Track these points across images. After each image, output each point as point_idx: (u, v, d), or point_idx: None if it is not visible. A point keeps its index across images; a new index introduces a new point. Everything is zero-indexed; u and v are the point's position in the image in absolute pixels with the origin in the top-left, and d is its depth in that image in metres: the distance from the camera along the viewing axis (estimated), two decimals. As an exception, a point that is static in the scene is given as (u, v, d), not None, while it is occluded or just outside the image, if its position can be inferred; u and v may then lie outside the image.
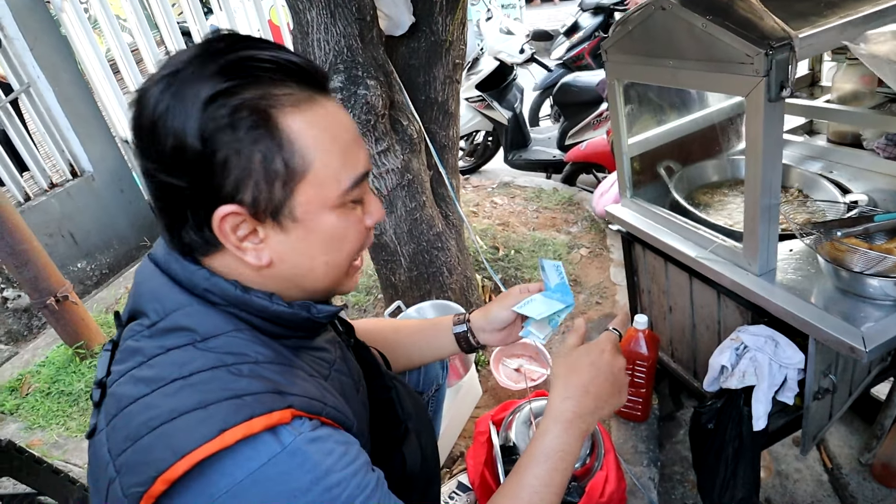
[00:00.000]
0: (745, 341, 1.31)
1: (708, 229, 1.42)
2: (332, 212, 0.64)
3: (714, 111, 1.68)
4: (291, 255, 0.65)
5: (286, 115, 0.59)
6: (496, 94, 3.65)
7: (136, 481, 0.54)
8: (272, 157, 0.59)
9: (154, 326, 0.63)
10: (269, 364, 0.62)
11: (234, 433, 0.54)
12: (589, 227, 2.88)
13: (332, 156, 0.63)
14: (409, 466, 0.86)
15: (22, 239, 2.06)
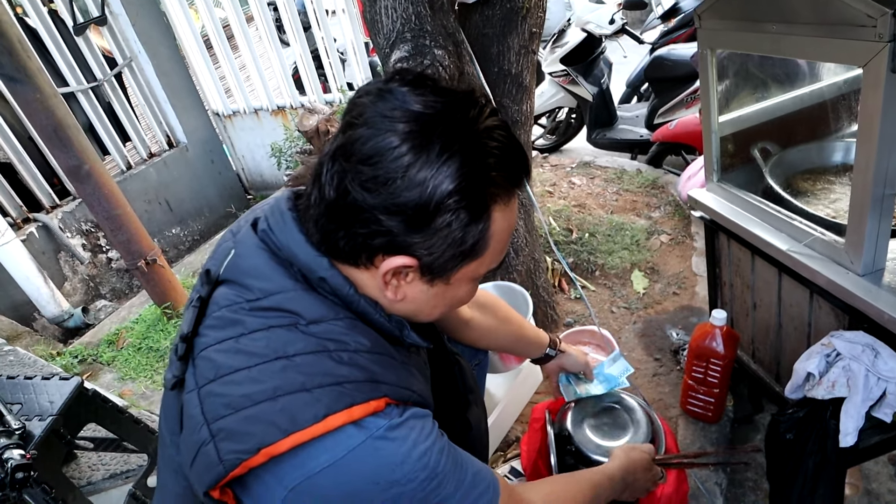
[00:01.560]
0: (837, 348, 1.17)
1: (804, 220, 1.27)
2: (473, 282, 0.71)
3: (825, 86, 1.48)
4: (422, 302, 0.70)
5: (497, 210, 0.64)
6: (582, 68, 3.46)
7: (237, 448, 0.58)
8: (469, 240, 0.64)
9: (256, 302, 0.66)
10: (367, 353, 0.65)
11: (336, 419, 0.59)
12: (672, 213, 2.69)
13: (502, 244, 0.68)
14: (473, 432, 0.95)
15: (117, 205, 2.22)
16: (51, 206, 3.19)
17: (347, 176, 0.60)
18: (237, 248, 0.71)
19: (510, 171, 0.64)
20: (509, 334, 1.24)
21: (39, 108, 2.18)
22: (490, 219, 0.64)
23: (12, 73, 2.13)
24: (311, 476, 0.58)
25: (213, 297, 0.69)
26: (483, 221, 0.63)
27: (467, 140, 0.60)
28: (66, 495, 1.23)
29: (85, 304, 3.12)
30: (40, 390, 1.33)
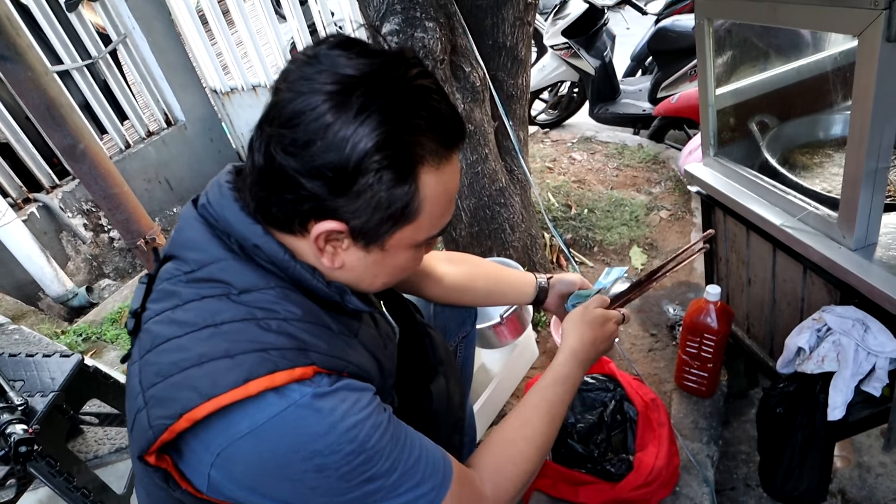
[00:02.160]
0: (828, 323, 1.17)
1: (799, 194, 1.25)
2: (412, 249, 0.69)
3: (825, 57, 1.45)
4: (361, 270, 0.69)
5: (427, 172, 0.63)
6: (584, 41, 3.39)
7: (162, 414, 0.58)
8: (397, 203, 0.62)
9: (191, 274, 0.67)
10: (297, 322, 0.65)
11: (258, 384, 0.58)
12: (673, 188, 2.67)
13: (439, 208, 0.66)
14: (434, 404, 0.92)
15: (114, 184, 2.22)
16: (50, 186, 3.19)
17: (272, 141, 0.60)
18: (178, 223, 0.72)
19: (440, 132, 0.62)
20: (489, 278, 1.22)
21: (31, 87, 2.16)
22: (418, 181, 0.62)
23: (2, 50, 2.10)
24: (233, 441, 0.58)
25: (159, 272, 0.71)
26: (409, 183, 0.62)
27: (390, 98, 0.58)
28: (71, 468, 1.26)
29: (89, 283, 3.15)
30: (42, 367, 1.36)
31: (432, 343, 0.98)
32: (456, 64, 1.59)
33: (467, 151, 1.70)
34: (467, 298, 1.21)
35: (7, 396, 1.19)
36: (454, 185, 0.68)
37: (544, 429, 0.86)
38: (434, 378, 0.95)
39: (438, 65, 1.49)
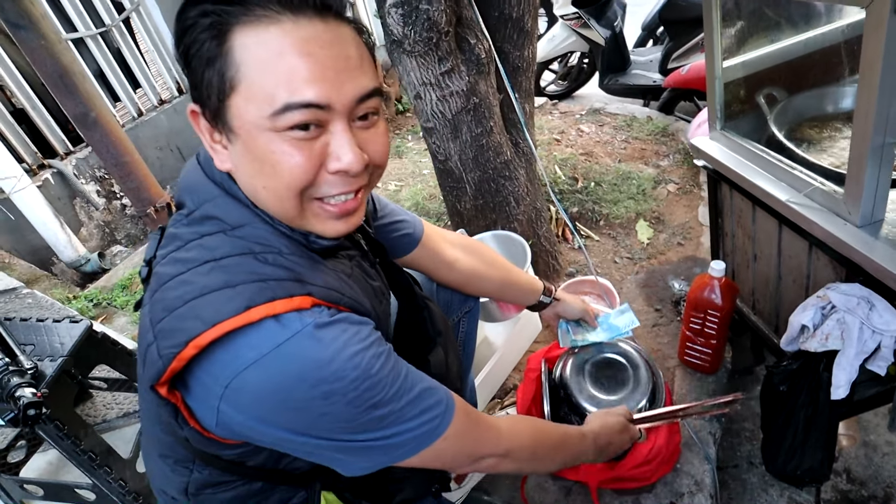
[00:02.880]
0: (833, 300, 1.15)
1: (806, 170, 1.23)
2: (266, 133, 0.62)
3: (835, 28, 1.39)
4: (239, 168, 0.67)
5: (241, 31, 0.60)
6: (594, 10, 3.31)
7: (170, 344, 0.61)
8: (210, 62, 0.61)
9: (191, 215, 0.70)
10: (292, 255, 0.67)
11: (258, 311, 0.60)
12: (682, 161, 2.62)
13: (270, 75, 0.60)
14: (432, 371, 0.91)
15: (125, 151, 2.24)
16: (65, 152, 3.22)
17: None
18: (183, 170, 0.76)
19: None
20: (496, 279, 1.24)
21: (45, 55, 2.18)
22: (230, 38, 0.60)
23: (16, 19, 2.11)
24: (240, 372, 0.60)
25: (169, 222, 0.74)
26: (221, 40, 0.60)
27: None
28: (79, 431, 1.30)
29: (101, 249, 3.21)
30: (51, 332, 1.39)
31: (431, 315, 0.99)
32: (461, 35, 1.56)
33: (472, 124, 1.68)
34: (470, 289, 1.24)
35: (17, 360, 1.23)
36: (295, 49, 0.60)
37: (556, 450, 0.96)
38: (432, 349, 0.96)
39: (443, 37, 1.47)
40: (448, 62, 1.53)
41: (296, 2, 0.61)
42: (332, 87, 0.62)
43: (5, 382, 1.16)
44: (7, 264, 2.70)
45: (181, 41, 0.62)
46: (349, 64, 0.63)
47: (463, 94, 1.61)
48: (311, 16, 0.61)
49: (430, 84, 1.58)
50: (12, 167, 2.75)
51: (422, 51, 1.48)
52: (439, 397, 0.72)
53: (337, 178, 0.66)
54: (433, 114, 1.66)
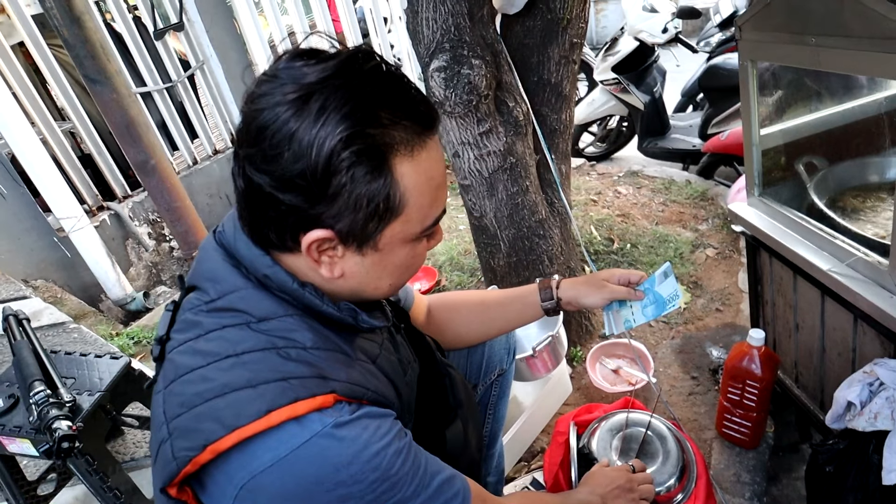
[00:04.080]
0: (881, 377, 1.10)
1: (848, 239, 1.20)
2: (408, 244, 0.68)
3: (879, 98, 1.39)
4: (362, 275, 0.68)
5: (399, 161, 0.61)
6: (634, 76, 3.39)
7: (186, 446, 0.59)
8: (377, 198, 0.61)
9: (212, 303, 0.67)
10: (316, 350, 0.65)
11: (279, 414, 0.58)
12: (721, 226, 2.59)
13: (425, 197, 0.65)
14: (448, 448, 0.88)
15: (177, 197, 2.38)
16: (123, 195, 3.43)
17: (245, 162, 0.60)
18: (199, 253, 0.73)
19: (407, 118, 0.61)
20: (503, 304, 1.12)
21: (115, 107, 2.37)
22: (392, 171, 0.61)
23: (93, 74, 2.33)
24: (256, 475, 0.58)
25: (182, 301, 0.71)
26: (384, 175, 0.60)
27: (348, 94, 0.57)
28: (107, 468, 1.32)
29: (146, 288, 3.33)
30: (92, 367, 1.45)
31: (452, 383, 0.95)
32: (500, 99, 1.62)
33: (508, 183, 1.72)
34: (451, 333, 1.13)
35: (58, 393, 1.27)
36: (437, 170, 0.66)
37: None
38: (451, 422, 0.92)
39: (483, 99, 1.53)
40: (486, 123, 1.59)
41: (433, 120, 0.65)
42: (446, 194, 0.72)
43: (44, 414, 1.20)
44: (59, 299, 2.84)
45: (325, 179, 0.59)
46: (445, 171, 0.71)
47: (500, 154, 1.66)
48: (433, 134, 0.66)
49: (469, 143, 1.63)
50: (74, 208, 2.94)
51: (461, 112, 1.55)
52: (456, 489, 0.70)
53: None
54: (470, 172, 1.71)
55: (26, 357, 1.35)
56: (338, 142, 0.57)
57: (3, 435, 1.29)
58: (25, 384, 1.28)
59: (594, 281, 1.07)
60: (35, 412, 1.21)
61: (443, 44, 1.49)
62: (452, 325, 1.12)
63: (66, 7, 2.05)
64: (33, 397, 1.23)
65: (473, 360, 1.21)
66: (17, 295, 2.69)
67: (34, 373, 1.30)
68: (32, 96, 2.96)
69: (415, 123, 0.62)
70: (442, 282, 2.60)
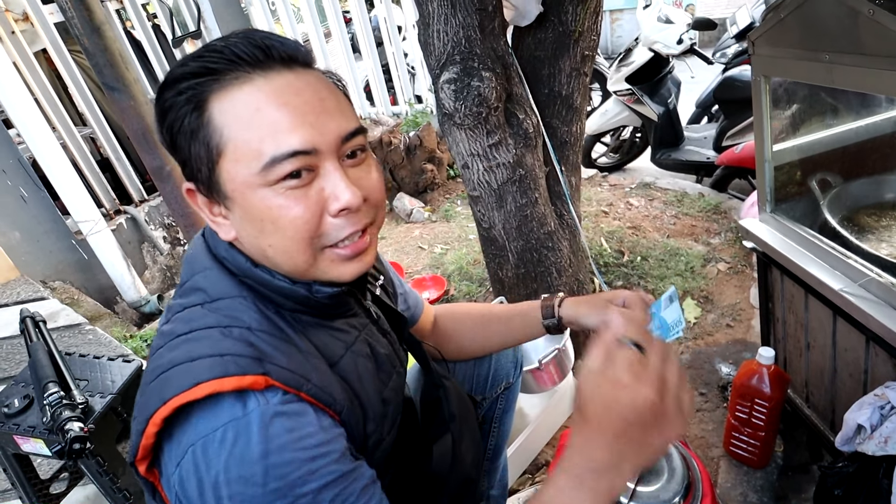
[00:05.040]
0: (892, 400, 1.08)
1: (861, 259, 1.18)
2: (259, 190, 0.62)
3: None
4: (243, 234, 0.67)
5: (216, 98, 0.62)
6: (648, 87, 3.38)
7: (138, 420, 0.61)
8: (194, 134, 0.63)
9: (183, 286, 0.71)
10: (261, 332, 0.65)
11: (205, 387, 0.57)
12: (733, 240, 2.56)
13: (253, 131, 0.61)
14: (433, 465, 0.86)
15: (191, 203, 2.42)
16: (139, 200, 3.49)
17: None
18: (188, 246, 0.78)
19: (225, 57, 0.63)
20: (505, 320, 1.09)
21: (132, 114, 2.41)
22: (206, 105, 0.62)
23: (112, 82, 2.37)
24: (184, 454, 0.58)
25: None
26: (199, 109, 0.63)
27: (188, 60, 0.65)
28: (117, 469, 1.34)
29: (161, 291, 3.38)
30: (105, 370, 1.47)
31: (446, 395, 0.92)
32: (510, 111, 1.63)
33: (517, 194, 1.73)
34: (453, 345, 1.11)
35: (71, 394, 1.30)
36: (270, 102, 0.62)
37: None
38: (440, 436, 0.88)
39: (492, 111, 1.54)
40: (496, 135, 1.59)
41: (262, 59, 0.64)
42: (315, 131, 0.63)
43: (57, 415, 1.22)
44: (76, 301, 2.90)
45: (163, 124, 0.65)
46: (325, 106, 0.65)
47: (509, 166, 1.66)
48: (279, 69, 0.64)
49: (478, 155, 1.64)
50: (92, 211, 3.00)
51: (471, 124, 1.56)
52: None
53: (341, 219, 0.65)
54: (479, 183, 1.72)
55: (41, 359, 1.38)
56: (163, 83, 0.64)
57: (17, 434, 1.32)
58: (40, 385, 1.31)
59: (596, 301, 0.97)
60: (48, 413, 1.24)
61: (453, 56, 1.50)
62: (455, 337, 1.12)
63: (87, 17, 2.09)
64: (47, 398, 1.26)
65: (480, 372, 1.21)
66: (36, 296, 2.75)
67: (48, 374, 1.33)
68: (54, 102, 3.04)
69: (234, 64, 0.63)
70: (450, 291, 2.60)
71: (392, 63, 3.99)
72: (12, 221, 2.93)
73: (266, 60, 0.64)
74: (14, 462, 1.46)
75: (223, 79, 0.62)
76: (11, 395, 1.39)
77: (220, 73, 0.63)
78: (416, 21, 1.58)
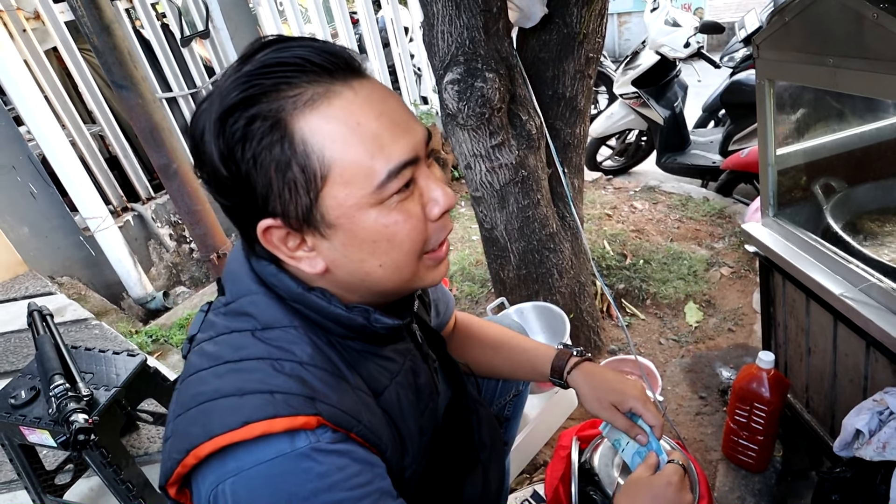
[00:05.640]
0: (891, 406, 1.08)
1: (862, 264, 1.18)
2: (371, 210, 0.59)
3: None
4: (343, 261, 0.62)
5: (299, 117, 0.56)
6: (654, 91, 3.38)
7: (176, 448, 0.58)
8: (287, 164, 0.56)
9: (228, 305, 0.67)
10: (313, 367, 0.61)
11: (255, 428, 0.55)
12: (737, 244, 2.56)
13: (356, 149, 0.56)
14: (466, 495, 0.84)
15: (197, 201, 2.43)
16: (146, 197, 3.52)
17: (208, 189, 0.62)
18: (230, 252, 0.73)
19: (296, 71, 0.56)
20: (515, 360, 1.06)
21: (140, 112, 2.44)
22: (291, 129, 0.56)
23: (120, 80, 2.39)
24: (221, 482, 0.56)
25: (213, 303, 0.72)
26: (283, 136, 0.56)
27: (234, 77, 0.56)
28: (121, 461, 1.36)
29: (166, 288, 3.41)
30: (110, 363, 1.49)
31: (478, 422, 0.88)
32: (513, 112, 1.64)
33: (519, 196, 1.73)
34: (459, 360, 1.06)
35: (77, 387, 1.32)
36: (363, 114, 0.57)
37: None
38: (473, 467, 0.86)
39: (495, 113, 1.55)
40: (499, 136, 1.60)
41: (342, 67, 0.58)
42: (412, 138, 0.60)
43: (63, 407, 1.24)
44: (83, 296, 2.92)
45: (231, 159, 0.56)
46: (406, 111, 0.62)
47: (512, 167, 1.67)
48: (358, 78, 0.59)
49: (480, 156, 1.65)
50: (100, 208, 3.02)
51: (474, 125, 1.57)
52: None
53: (439, 223, 0.64)
54: (482, 184, 1.73)
55: (48, 351, 1.41)
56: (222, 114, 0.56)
57: (23, 425, 1.34)
58: (46, 377, 1.33)
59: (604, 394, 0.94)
60: (54, 404, 1.26)
61: (457, 56, 1.51)
62: (463, 355, 1.07)
63: (97, 16, 2.12)
64: (53, 390, 1.28)
65: (490, 380, 1.20)
66: (44, 291, 2.78)
67: (55, 367, 1.35)
68: (63, 100, 3.07)
69: (319, 76, 0.57)
70: (453, 291, 2.61)
71: (398, 64, 4.01)
72: (21, 217, 2.96)
73: (346, 69, 0.59)
74: (20, 453, 1.49)
75: (305, 94, 0.56)
76: (18, 387, 1.42)
77: (300, 87, 0.56)
78: (422, 22, 1.59)
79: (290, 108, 0.56)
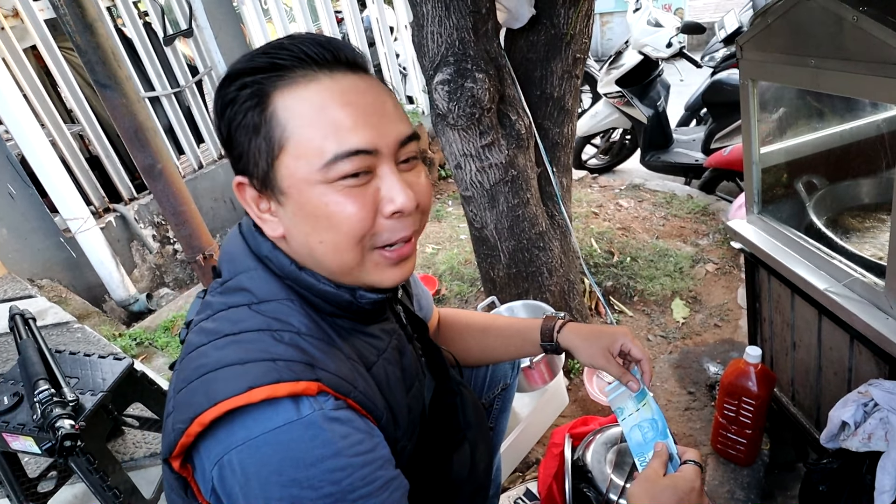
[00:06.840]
0: (875, 398, 1.11)
1: (846, 259, 1.21)
2: (317, 186, 0.63)
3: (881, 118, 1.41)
4: (294, 231, 0.67)
5: (278, 94, 0.63)
6: (638, 90, 3.42)
7: (180, 418, 0.60)
8: (256, 130, 0.64)
9: (224, 284, 0.71)
10: (310, 337, 0.65)
11: (259, 392, 0.58)
12: (721, 241, 2.60)
13: (316, 129, 0.62)
14: (454, 473, 0.87)
15: (182, 202, 2.40)
16: (129, 198, 3.45)
17: None
18: (225, 238, 0.77)
19: (292, 55, 0.64)
20: (504, 337, 1.09)
21: (124, 112, 2.39)
22: (269, 100, 0.63)
23: (104, 80, 2.35)
24: (229, 451, 0.58)
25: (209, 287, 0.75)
26: (262, 105, 0.63)
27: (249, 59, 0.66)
28: (107, 467, 1.34)
29: (150, 290, 3.36)
30: (95, 367, 1.46)
31: (463, 403, 0.91)
32: (503, 112, 1.65)
33: (509, 195, 1.74)
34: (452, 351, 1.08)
35: (62, 392, 1.29)
36: (335, 101, 0.63)
37: None
38: (459, 446, 0.89)
39: (485, 112, 1.56)
40: (489, 136, 1.61)
41: (329, 59, 0.65)
42: (377, 132, 0.64)
43: (48, 412, 1.22)
44: (63, 299, 2.86)
45: (223, 115, 0.66)
46: (386, 109, 0.67)
47: (501, 167, 1.68)
48: (344, 71, 0.66)
49: (471, 155, 1.66)
50: (81, 209, 2.97)
51: (464, 125, 1.57)
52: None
53: (393, 221, 0.67)
54: (472, 183, 1.73)
55: (31, 356, 1.37)
56: (225, 76, 0.65)
57: (6, 432, 1.31)
58: (30, 383, 1.30)
59: (594, 341, 0.97)
60: (39, 410, 1.23)
61: (447, 57, 1.51)
62: (453, 345, 1.11)
63: (80, 14, 2.08)
64: (37, 396, 1.25)
65: (478, 373, 1.21)
66: (24, 294, 2.71)
67: (39, 372, 1.32)
68: (43, 99, 3.00)
69: (318, 65, 0.64)
70: (442, 291, 2.61)
71: (384, 64, 3.99)
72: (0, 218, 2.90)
73: (333, 62, 0.66)
74: (2, 460, 1.45)
75: (289, 76, 0.64)
76: (0, 393, 1.38)
77: (287, 69, 0.64)
78: (411, 22, 1.59)
79: (274, 85, 0.64)
